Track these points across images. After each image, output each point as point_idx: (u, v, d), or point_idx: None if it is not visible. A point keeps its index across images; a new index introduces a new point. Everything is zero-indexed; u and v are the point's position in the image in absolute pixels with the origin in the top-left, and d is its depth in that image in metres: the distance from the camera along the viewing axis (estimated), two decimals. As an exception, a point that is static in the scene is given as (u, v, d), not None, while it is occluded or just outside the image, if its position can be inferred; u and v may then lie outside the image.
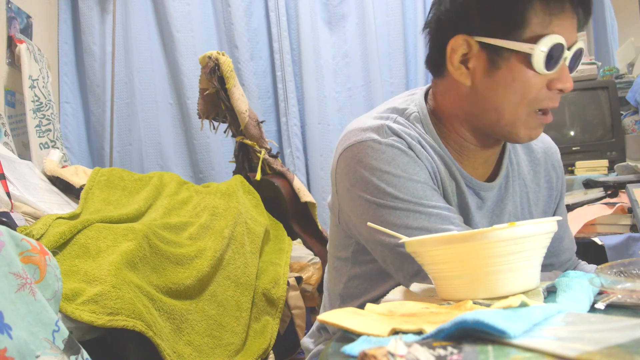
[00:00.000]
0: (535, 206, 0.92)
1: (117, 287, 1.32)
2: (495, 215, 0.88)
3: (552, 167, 0.95)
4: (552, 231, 0.61)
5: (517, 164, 0.91)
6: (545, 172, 0.94)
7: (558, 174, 0.96)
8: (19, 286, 1.01)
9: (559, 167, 0.96)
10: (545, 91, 0.76)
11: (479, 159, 0.87)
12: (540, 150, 0.95)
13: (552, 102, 0.78)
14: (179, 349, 1.47)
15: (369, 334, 0.48)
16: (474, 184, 0.85)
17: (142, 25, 3.03)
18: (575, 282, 0.60)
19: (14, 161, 1.99)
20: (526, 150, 0.94)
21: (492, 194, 0.87)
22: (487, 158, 0.88)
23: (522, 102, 0.76)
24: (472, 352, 0.39)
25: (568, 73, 0.76)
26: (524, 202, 0.91)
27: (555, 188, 0.96)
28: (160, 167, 2.99)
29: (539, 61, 0.73)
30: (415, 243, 0.65)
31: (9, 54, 2.48)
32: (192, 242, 1.81)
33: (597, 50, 2.76)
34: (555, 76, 0.75)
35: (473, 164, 0.87)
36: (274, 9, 3.00)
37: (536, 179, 0.93)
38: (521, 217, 0.90)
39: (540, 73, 0.74)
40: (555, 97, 0.77)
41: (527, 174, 0.92)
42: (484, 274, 0.59)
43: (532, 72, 0.75)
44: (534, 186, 0.92)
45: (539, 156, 0.94)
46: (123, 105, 3.01)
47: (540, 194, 0.93)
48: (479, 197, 0.86)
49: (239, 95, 2.38)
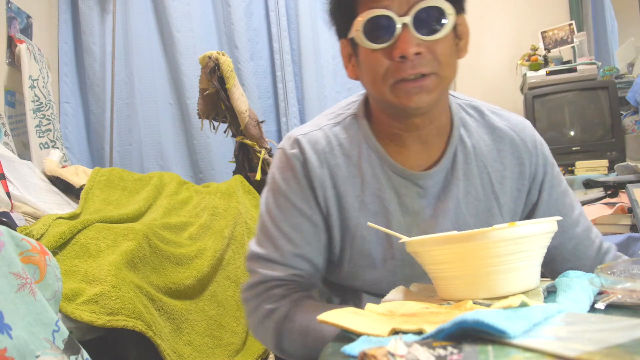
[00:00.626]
0: (500, 185, 0.89)
1: (117, 287, 1.32)
2: (439, 202, 0.87)
3: (521, 142, 0.91)
4: (552, 231, 0.61)
5: (473, 145, 0.89)
6: (513, 148, 0.90)
7: (532, 151, 0.91)
8: (19, 286, 1.01)
9: (532, 145, 0.91)
10: (391, 63, 0.77)
11: (414, 147, 0.87)
12: (506, 128, 0.91)
13: (401, 72, 0.77)
14: (179, 349, 1.47)
15: (369, 334, 0.48)
16: (408, 175, 0.86)
17: (142, 25, 3.04)
18: (575, 282, 0.60)
19: (14, 161, 1.99)
20: (488, 129, 0.91)
21: (433, 181, 0.87)
22: (426, 145, 0.88)
23: (377, 79, 0.80)
24: (472, 352, 0.39)
25: (407, 39, 0.75)
26: (485, 183, 0.89)
27: (531, 165, 0.91)
28: (160, 167, 2.99)
29: (362, 40, 0.78)
30: (415, 243, 0.65)
31: (9, 54, 2.48)
32: (192, 242, 1.81)
33: (597, 50, 2.77)
34: (395, 45, 0.77)
35: (409, 154, 0.88)
36: (274, 9, 3.00)
37: (500, 157, 0.90)
38: (484, 199, 0.88)
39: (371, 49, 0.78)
40: (403, 66, 0.77)
41: (489, 153, 0.89)
42: (484, 274, 0.59)
43: (368, 51, 0.79)
44: (497, 165, 0.89)
45: (503, 134, 0.91)
46: (123, 105, 3.01)
47: (506, 172, 0.89)
48: (419, 186, 0.86)
49: (239, 95, 2.38)
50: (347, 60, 0.88)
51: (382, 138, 0.89)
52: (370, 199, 0.86)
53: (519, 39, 2.84)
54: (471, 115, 0.92)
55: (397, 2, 0.76)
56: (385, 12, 0.76)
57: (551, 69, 2.41)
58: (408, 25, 0.75)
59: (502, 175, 0.89)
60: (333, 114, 0.93)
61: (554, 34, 2.60)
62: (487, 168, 0.89)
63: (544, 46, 2.60)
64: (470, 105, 0.94)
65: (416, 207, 0.86)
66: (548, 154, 0.94)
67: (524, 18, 2.88)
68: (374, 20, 0.77)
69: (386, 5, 0.76)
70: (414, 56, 0.76)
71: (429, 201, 0.87)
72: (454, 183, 0.87)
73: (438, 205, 0.87)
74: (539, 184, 0.92)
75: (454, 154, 0.88)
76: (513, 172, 0.90)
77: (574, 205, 0.94)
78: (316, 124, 0.92)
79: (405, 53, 0.75)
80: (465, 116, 0.92)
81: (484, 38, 2.95)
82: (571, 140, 2.27)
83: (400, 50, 0.75)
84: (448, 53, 0.79)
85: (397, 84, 0.78)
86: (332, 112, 0.94)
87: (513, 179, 0.90)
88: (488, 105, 0.95)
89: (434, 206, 0.87)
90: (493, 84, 2.94)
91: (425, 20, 0.76)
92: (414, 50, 0.75)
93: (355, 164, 0.87)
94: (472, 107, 0.93)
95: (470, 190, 0.88)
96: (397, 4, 0.76)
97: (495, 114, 0.93)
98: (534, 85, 2.37)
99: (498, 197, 0.89)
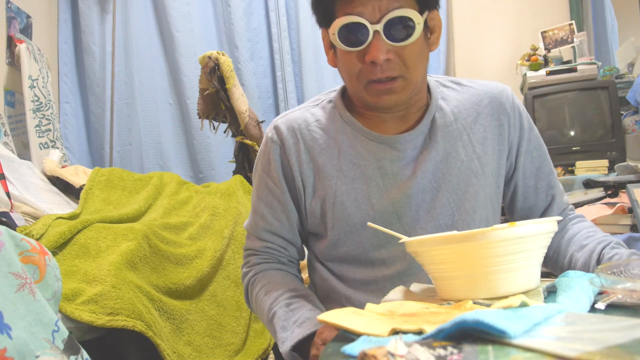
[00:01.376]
0: (481, 145, 0.94)
1: (117, 287, 1.32)
2: (418, 162, 0.92)
3: (499, 105, 0.96)
4: (552, 231, 0.61)
5: (452, 111, 0.95)
6: (492, 110, 0.96)
7: (510, 113, 0.97)
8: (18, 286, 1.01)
9: (510, 107, 0.97)
10: (364, 65, 0.85)
11: (392, 121, 0.94)
12: (484, 91, 0.98)
13: (372, 75, 0.85)
14: (179, 349, 1.47)
15: (369, 334, 0.48)
16: (385, 140, 0.92)
17: (142, 25, 3.04)
18: (576, 282, 0.60)
19: (13, 161, 1.99)
20: (467, 95, 0.98)
21: (410, 145, 0.92)
22: (404, 119, 0.94)
23: (352, 77, 0.88)
24: (472, 352, 0.39)
25: (378, 46, 0.82)
26: (466, 144, 0.94)
27: (509, 126, 0.96)
28: (160, 167, 2.99)
29: (338, 43, 0.85)
30: (415, 243, 0.65)
31: (9, 53, 2.48)
32: (192, 242, 1.81)
33: (597, 50, 2.76)
34: (367, 50, 0.84)
35: (387, 125, 0.94)
36: (274, 9, 3.00)
37: (480, 119, 0.96)
38: (465, 160, 0.93)
39: (347, 52, 0.85)
40: (374, 69, 0.84)
41: (468, 116, 0.95)
42: (484, 274, 0.59)
43: (344, 51, 0.86)
44: (477, 127, 0.95)
45: (482, 97, 0.97)
46: (123, 105, 3.01)
47: (486, 133, 0.95)
48: (396, 149, 0.92)
49: (239, 95, 2.38)
50: (327, 47, 0.94)
51: (359, 115, 0.96)
52: (348, 167, 0.93)
53: (519, 39, 2.84)
54: (450, 87, 0.99)
55: (370, 10, 0.82)
56: (358, 19, 0.82)
57: (551, 69, 2.41)
58: (379, 32, 0.82)
59: (482, 136, 0.95)
60: (313, 99, 1.03)
61: (554, 34, 2.60)
62: (466, 130, 0.95)
63: (544, 46, 2.60)
64: (449, 80, 1.01)
65: (395, 169, 0.92)
66: (525, 117, 0.99)
67: (524, 18, 2.88)
68: (348, 26, 0.84)
69: (360, 12, 0.83)
70: (383, 61, 0.83)
71: (407, 163, 0.92)
72: (431, 145, 0.93)
73: (416, 165, 0.92)
74: (515, 148, 0.98)
75: (432, 120, 0.94)
76: (493, 134, 0.96)
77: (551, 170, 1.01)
78: (297, 107, 1.02)
79: (376, 59, 0.83)
80: (443, 89, 0.99)
81: (484, 38, 2.95)
82: (571, 140, 2.26)
83: (371, 56, 0.83)
84: (416, 56, 0.86)
85: (369, 84, 0.87)
86: (313, 99, 1.04)
87: (494, 140, 0.96)
88: (468, 79, 1.03)
89: (412, 167, 0.92)
90: (493, 84, 2.93)
91: (395, 28, 0.83)
92: (383, 57, 0.83)
93: (332, 137, 0.95)
94: (451, 81, 1.01)
95: (451, 151, 0.93)
96: (370, 11, 0.82)
97: (474, 82, 1.00)
98: (534, 85, 2.37)
99: (480, 156, 0.94)
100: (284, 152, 0.96)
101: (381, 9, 0.82)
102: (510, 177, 1.00)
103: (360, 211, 0.92)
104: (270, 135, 0.98)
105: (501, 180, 0.98)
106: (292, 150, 0.95)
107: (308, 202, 0.96)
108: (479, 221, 0.93)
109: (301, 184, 0.95)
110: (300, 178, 0.95)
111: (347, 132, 0.95)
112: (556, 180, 1.02)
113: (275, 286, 0.93)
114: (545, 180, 1.00)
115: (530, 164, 0.99)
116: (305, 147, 0.95)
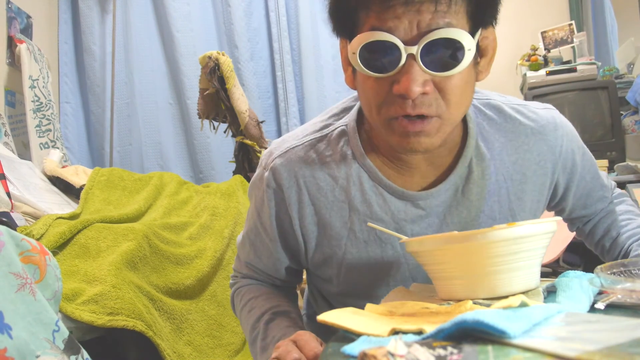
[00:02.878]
0: (518, 201, 0.78)
1: (117, 287, 1.32)
2: (444, 224, 0.77)
3: (548, 149, 0.79)
4: (552, 231, 0.61)
5: (493, 157, 0.77)
6: (539, 157, 0.78)
7: (558, 158, 0.79)
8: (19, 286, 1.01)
9: (558, 151, 0.79)
10: (392, 96, 0.65)
11: (419, 167, 0.77)
12: (532, 131, 0.79)
13: (399, 110, 0.65)
14: (179, 349, 1.47)
15: (369, 334, 0.48)
16: (408, 196, 0.76)
17: (142, 25, 3.03)
18: (575, 282, 0.60)
19: (14, 161, 1.99)
20: (510, 134, 0.79)
21: (437, 201, 0.76)
22: (434, 165, 0.77)
23: (372, 109, 0.69)
24: (472, 352, 0.39)
25: (412, 75, 0.62)
26: (502, 200, 0.78)
27: (554, 173, 0.80)
28: (160, 167, 2.99)
29: (359, 65, 0.66)
30: (415, 243, 0.64)
31: (9, 54, 2.48)
32: (192, 242, 1.81)
33: (597, 50, 2.76)
34: (396, 78, 0.64)
35: (413, 173, 0.77)
36: (274, 9, 3.00)
37: (522, 168, 0.78)
38: (499, 219, 0.78)
39: (371, 76, 0.66)
40: (403, 104, 0.65)
41: (510, 165, 0.78)
42: (484, 274, 0.59)
43: (364, 76, 0.67)
44: (518, 177, 0.78)
45: (528, 139, 0.78)
46: (123, 105, 3.01)
47: (526, 185, 0.78)
48: (420, 207, 0.76)
49: (239, 95, 2.38)
50: (345, 63, 0.75)
51: (378, 154, 0.78)
52: (360, 227, 0.78)
53: (519, 39, 2.84)
54: (490, 117, 0.80)
55: (405, 25, 0.62)
56: (389, 37, 0.62)
57: (551, 69, 2.41)
58: (415, 57, 0.62)
59: (521, 189, 0.78)
60: (321, 123, 0.82)
61: (553, 34, 2.60)
62: (506, 182, 0.78)
63: (544, 46, 2.60)
64: (488, 105, 0.81)
65: (415, 231, 0.77)
66: (576, 155, 0.83)
67: (524, 18, 2.88)
68: (374, 44, 0.64)
69: (392, 27, 0.62)
70: (417, 95, 0.63)
71: (430, 223, 0.77)
72: (463, 204, 0.77)
73: (441, 227, 0.78)
74: (562, 189, 0.84)
75: (468, 169, 0.77)
76: (535, 184, 0.79)
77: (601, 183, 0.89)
78: (300, 135, 0.82)
79: (408, 92, 0.63)
80: (482, 122, 0.79)
81: (484, 38, 2.95)
82: (571, 140, 2.26)
83: (402, 87, 0.63)
84: (461, 91, 0.66)
85: (393, 120, 0.67)
86: (321, 121, 0.83)
87: (534, 192, 0.79)
88: (509, 99, 0.83)
89: (436, 227, 0.78)
90: (493, 84, 2.93)
91: (437, 52, 0.63)
92: (419, 90, 0.63)
93: (343, 188, 0.77)
94: (491, 107, 0.81)
95: (484, 209, 0.77)
96: (405, 27, 0.62)
97: (519, 113, 0.80)
98: (534, 85, 2.37)
99: (515, 214, 0.79)
100: (281, 201, 0.79)
101: (420, 26, 0.62)
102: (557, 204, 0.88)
103: (372, 275, 0.80)
104: (267, 177, 0.79)
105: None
106: (292, 200, 0.78)
107: (310, 254, 0.83)
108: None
109: (301, 238, 0.81)
110: (300, 232, 0.80)
111: (363, 181, 0.77)
112: (602, 181, 0.89)
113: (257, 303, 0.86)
114: (596, 194, 0.88)
115: (582, 190, 0.86)
116: (309, 199, 0.78)
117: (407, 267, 0.79)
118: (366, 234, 0.78)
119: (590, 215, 0.92)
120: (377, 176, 0.77)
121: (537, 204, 0.81)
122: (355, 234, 0.78)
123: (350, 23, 0.68)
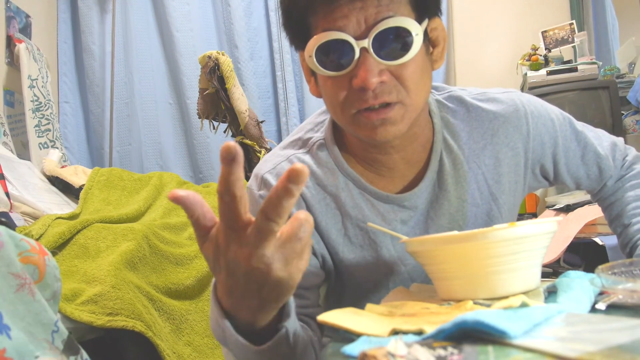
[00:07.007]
0: (497, 184, 0.80)
1: (117, 287, 1.32)
2: (430, 219, 0.80)
3: (514, 129, 0.80)
4: (552, 231, 0.61)
5: (461, 147, 0.80)
6: (507, 138, 0.80)
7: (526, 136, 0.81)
8: (18, 286, 1.01)
9: (526, 131, 0.81)
10: (353, 92, 0.68)
11: (398, 168, 0.79)
12: (495, 115, 0.81)
13: (362, 103, 0.68)
14: (178, 349, 1.47)
15: (369, 334, 0.47)
16: (392, 199, 0.78)
17: (141, 25, 3.03)
18: (576, 282, 0.60)
19: (13, 161, 1.99)
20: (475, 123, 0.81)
21: (420, 199, 0.79)
22: (411, 164, 0.79)
23: (336, 108, 0.72)
24: (472, 353, 0.39)
25: (367, 66, 0.65)
26: (481, 185, 0.80)
27: (526, 151, 0.82)
28: (160, 167, 2.99)
29: (316, 67, 0.69)
30: (415, 243, 0.64)
31: (8, 53, 2.48)
32: (192, 242, 1.81)
33: (597, 49, 2.76)
34: (353, 73, 0.67)
35: (393, 175, 0.80)
36: (274, 9, 3.00)
37: (494, 152, 0.80)
38: (481, 203, 0.80)
39: (329, 77, 0.69)
40: (364, 96, 0.67)
41: (480, 151, 0.80)
42: (484, 274, 0.58)
43: (324, 78, 0.71)
44: (491, 161, 0.80)
45: (493, 124, 0.80)
46: (123, 105, 3.01)
47: (501, 167, 0.80)
48: (406, 207, 0.79)
49: (238, 95, 2.38)
50: (307, 74, 0.78)
51: (358, 162, 0.80)
52: (354, 232, 0.79)
53: (519, 38, 2.84)
54: (452, 109, 0.82)
55: (353, 22, 0.65)
56: (340, 35, 0.65)
57: (552, 68, 2.41)
58: (367, 49, 0.65)
59: (497, 172, 0.81)
60: (300, 141, 0.84)
61: (554, 34, 2.60)
62: (480, 169, 0.80)
63: (545, 46, 2.60)
64: (449, 98, 0.83)
65: (406, 231, 0.79)
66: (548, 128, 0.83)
67: (524, 18, 2.88)
68: (328, 44, 0.67)
69: (341, 26, 0.66)
70: (376, 85, 0.66)
71: (417, 221, 0.80)
72: (443, 196, 0.79)
73: (428, 223, 0.80)
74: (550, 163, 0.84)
75: (439, 163, 0.79)
76: (509, 166, 0.81)
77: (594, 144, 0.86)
78: (282, 154, 0.83)
79: (366, 84, 0.65)
80: (446, 115, 0.82)
81: (484, 38, 2.95)
82: (571, 140, 2.26)
83: (359, 80, 0.66)
84: (417, 75, 0.69)
85: (358, 114, 0.69)
86: (298, 139, 0.85)
87: (510, 173, 0.82)
88: (470, 90, 0.85)
89: (424, 225, 0.80)
90: (493, 84, 2.93)
91: (387, 42, 0.66)
92: (375, 80, 0.66)
93: (333, 194, 0.79)
94: (453, 99, 0.83)
95: (466, 197, 0.80)
96: (353, 24, 0.65)
97: (480, 101, 0.82)
98: (535, 85, 2.37)
99: (496, 197, 0.81)
100: None
101: (368, 20, 0.65)
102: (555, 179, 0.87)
103: (371, 279, 0.81)
104: (261, 192, 0.79)
105: (516, 211, 0.87)
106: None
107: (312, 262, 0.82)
108: None
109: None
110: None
111: (350, 189, 0.79)
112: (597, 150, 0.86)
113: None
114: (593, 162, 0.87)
115: (573, 159, 0.86)
116: (307, 209, 0.79)
117: (405, 268, 0.81)
118: (361, 239, 0.80)
119: (601, 191, 0.91)
120: (362, 184, 0.79)
121: (515, 184, 0.83)
122: (350, 240, 0.80)
123: (304, 30, 0.71)
